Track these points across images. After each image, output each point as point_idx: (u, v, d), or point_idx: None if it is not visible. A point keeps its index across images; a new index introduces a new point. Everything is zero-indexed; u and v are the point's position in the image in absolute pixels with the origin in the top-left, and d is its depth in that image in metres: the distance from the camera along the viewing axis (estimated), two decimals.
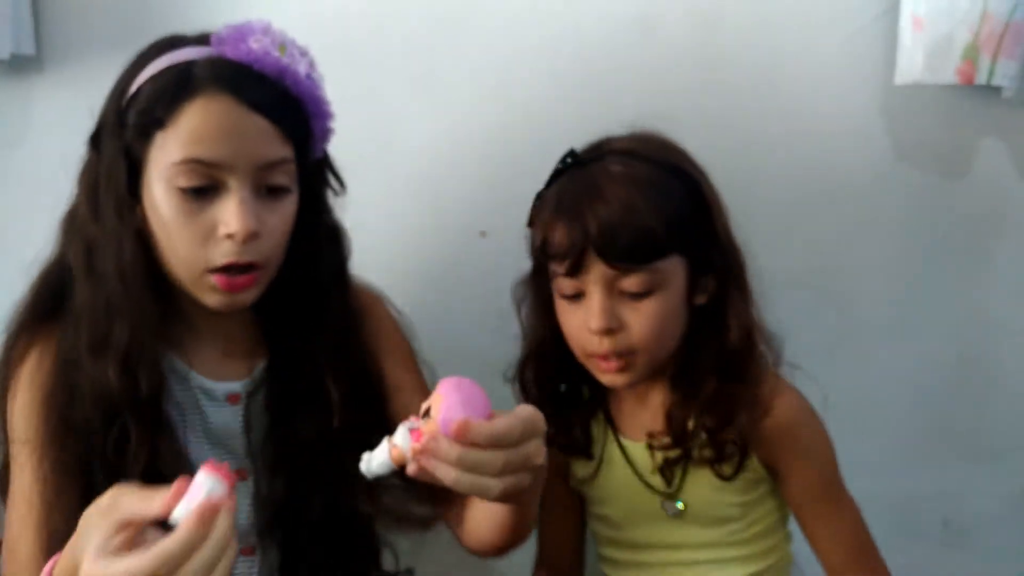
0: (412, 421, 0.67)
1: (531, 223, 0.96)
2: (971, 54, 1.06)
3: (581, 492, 1.04)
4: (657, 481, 0.96)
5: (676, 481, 0.95)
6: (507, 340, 1.24)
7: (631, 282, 0.88)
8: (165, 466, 0.82)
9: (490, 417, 0.65)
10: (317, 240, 0.91)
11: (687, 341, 0.94)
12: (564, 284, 0.91)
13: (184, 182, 0.79)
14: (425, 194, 1.21)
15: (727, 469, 0.93)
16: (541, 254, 0.93)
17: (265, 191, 0.82)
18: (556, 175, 0.95)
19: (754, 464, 0.94)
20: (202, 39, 0.84)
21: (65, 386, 0.83)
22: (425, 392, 0.95)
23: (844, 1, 1.16)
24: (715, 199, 0.94)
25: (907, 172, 1.20)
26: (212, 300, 0.83)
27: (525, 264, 1.22)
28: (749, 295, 0.96)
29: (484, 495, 0.66)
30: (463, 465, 0.64)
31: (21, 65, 1.14)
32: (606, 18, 1.18)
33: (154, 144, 0.80)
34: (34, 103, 1.16)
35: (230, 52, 0.81)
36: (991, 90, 1.15)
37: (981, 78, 1.07)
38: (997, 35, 1.05)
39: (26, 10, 1.12)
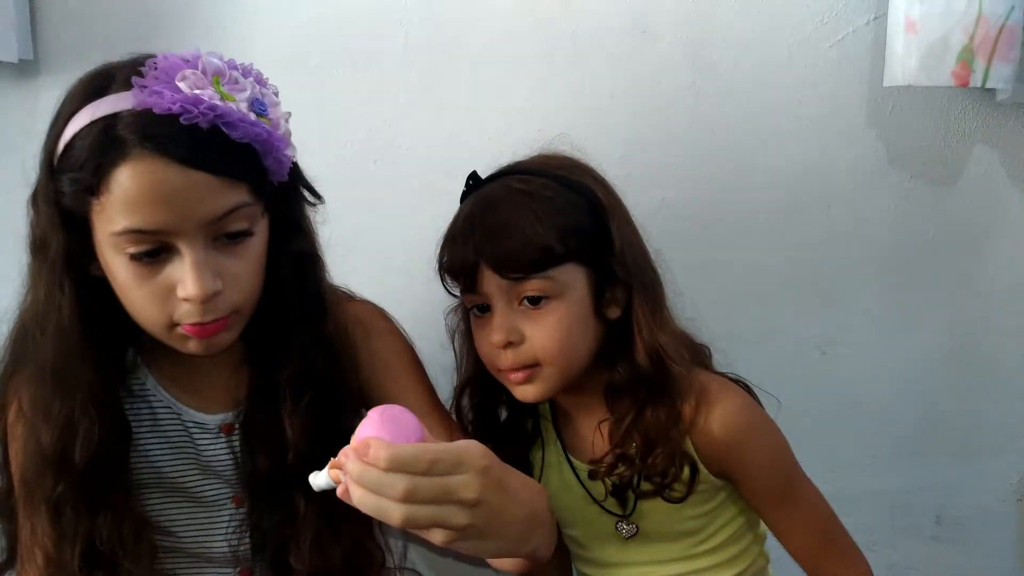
0: None
1: None
2: (966, 56, 1.07)
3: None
4: (611, 503, 0.95)
5: (631, 503, 0.94)
6: None
7: (527, 288, 0.87)
8: (102, 543, 0.81)
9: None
10: (285, 267, 0.85)
11: (606, 358, 0.93)
12: (468, 298, 0.92)
13: (132, 249, 0.74)
14: (425, 197, 1.21)
15: (676, 493, 0.91)
16: (441, 277, 0.93)
17: (225, 238, 0.77)
18: (461, 199, 0.95)
19: (705, 476, 0.92)
20: (127, 79, 0.74)
21: (27, 441, 0.82)
22: (441, 415, 0.95)
23: (837, 5, 1.18)
24: (617, 211, 0.93)
25: (900, 174, 1.22)
26: (188, 348, 0.80)
27: None
28: (660, 310, 0.93)
29: (386, 519, 0.63)
30: (362, 484, 0.62)
31: (20, 69, 1.14)
32: (602, 24, 1.19)
33: (93, 210, 0.75)
34: (32, 106, 1.16)
35: (153, 103, 0.72)
36: (985, 93, 1.17)
37: (976, 81, 1.08)
38: (992, 38, 1.06)
39: (25, 14, 1.12)
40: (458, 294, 0.94)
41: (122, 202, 0.72)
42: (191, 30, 0.90)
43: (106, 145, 0.72)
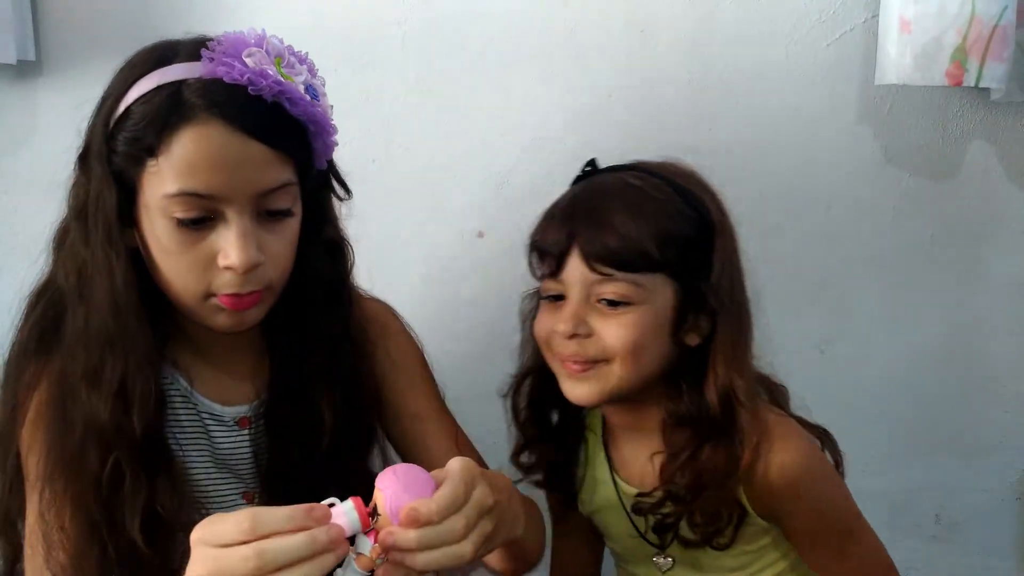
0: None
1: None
2: (959, 56, 1.07)
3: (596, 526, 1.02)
4: (651, 535, 0.93)
5: (668, 540, 0.92)
6: (503, 339, 1.26)
7: (610, 289, 0.84)
8: (164, 508, 0.79)
9: (435, 488, 0.65)
10: (316, 255, 0.87)
11: (673, 386, 0.89)
12: (547, 285, 0.89)
13: (180, 213, 0.75)
14: (423, 195, 1.22)
15: (723, 539, 0.89)
16: (530, 252, 0.91)
17: (266, 215, 0.79)
18: (573, 183, 0.93)
19: (752, 519, 0.90)
20: (194, 51, 0.77)
21: (62, 418, 0.80)
22: (446, 419, 0.96)
23: (834, 3, 1.18)
24: (726, 235, 0.90)
25: (897, 173, 1.22)
26: (219, 322, 0.80)
27: (522, 264, 1.24)
28: (743, 349, 0.89)
29: (460, 561, 0.64)
30: (426, 545, 0.63)
31: (22, 70, 1.15)
32: (600, 23, 1.19)
33: (146, 171, 0.76)
34: (35, 107, 1.17)
35: (222, 73, 0.75)
36: (980, 92, 1.17)
37: (969, 80, 1.08)
38: (985, 38, 1.06)
39: (27, 16, 1.13)
40: (540, 276, 0.91)
41: (181, 163, 0.74)
42: (190, 31, 0.92)
43: (172, 107, 0.74)
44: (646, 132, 1.22)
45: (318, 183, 0.86)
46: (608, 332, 0.85)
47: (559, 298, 0.88)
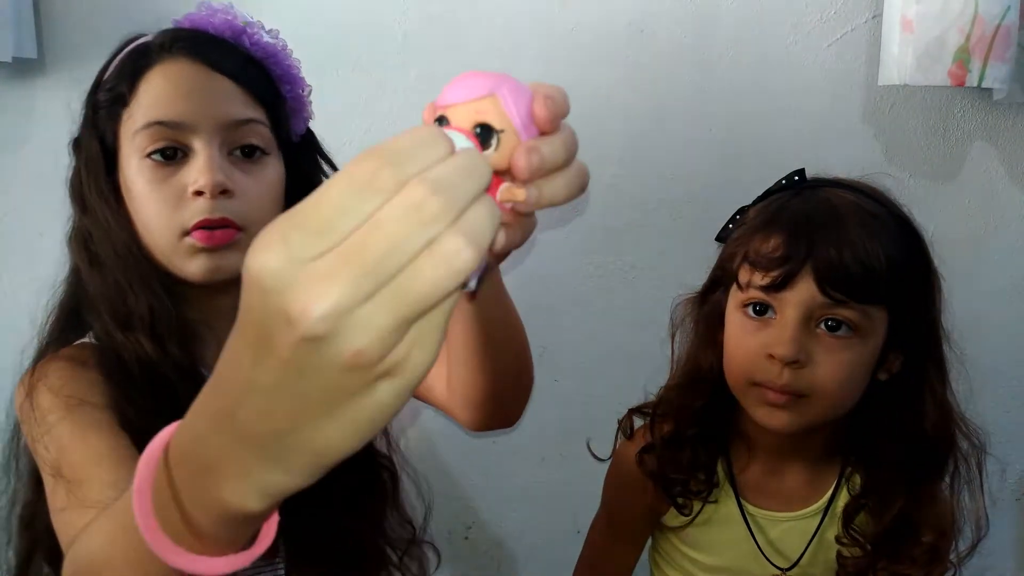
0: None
1: (723, 236, 0.89)
2: (962, 56, 1.07)
3: (675, 535, 0.99)
4: (776, 555, 0.92)
5: (800, 555, 0.91)
6: None
7: (842, 313, 0.79)
8: None
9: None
10: None
11: (863, 421, 0.87)
12: (755, 295, 0.82)
13: (150, 146, 0.78)
14: None
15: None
16: (741, 261, 0.84)
17: (239, 153, 0.81)
18: (772, 191, 0.89)
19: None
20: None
21: (109, 364, 0.80)
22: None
23: (835, 3, 1.18)
24: (935, 267, 0.88)
25: (900, 173, 1.22)
26: (195, 266, 0.80)
27: (522, 263, 1.24)
28: (947, 382, 0.88)
29: (584, 184, 0.47)
30: (572, 153, 0.47)
31: (23, 68, 1.15)
32: (601, 22, 1.19)
33: (122, 121, 0.80)
34: (36, 105, 1.17)
35: (186, 23, 0.83)
36: (983, 92, 1.17)
37: (972, 80, 1.08)
38: (988, 38, 1.06)
39: (28, 14, 1.13)
40: (743, 284, 0.85)
41: (148, 99, 0.79)
42: None
43: (140, 57, 0.81)
44: (646, 133, 1.22)
45: (301, 151, 0.89)
46: (826, 367, 0.80)
47: (763, 311, 0.83)
